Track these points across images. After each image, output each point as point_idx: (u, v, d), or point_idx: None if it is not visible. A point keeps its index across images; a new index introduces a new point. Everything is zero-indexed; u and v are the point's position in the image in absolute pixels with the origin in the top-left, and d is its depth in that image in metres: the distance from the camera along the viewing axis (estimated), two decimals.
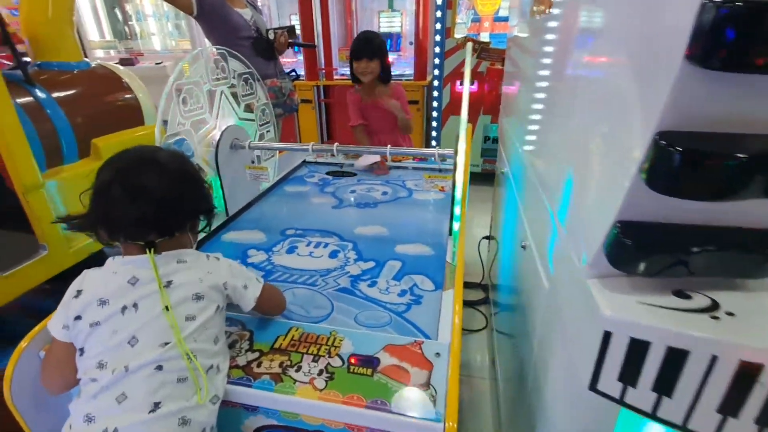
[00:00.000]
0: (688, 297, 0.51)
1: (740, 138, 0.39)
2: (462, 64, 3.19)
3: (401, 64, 4.02)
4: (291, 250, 1.27)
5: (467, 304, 2.04)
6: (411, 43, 3.65)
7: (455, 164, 1.00)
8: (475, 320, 1.96)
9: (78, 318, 0.72)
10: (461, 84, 3.23)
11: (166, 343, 0.70)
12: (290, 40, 2.42)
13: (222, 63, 1.36)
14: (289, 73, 2.57)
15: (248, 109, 1.54)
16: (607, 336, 0.52)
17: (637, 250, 0.49)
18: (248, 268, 0.95)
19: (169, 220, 0.79)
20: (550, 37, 0.96)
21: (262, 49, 2.30)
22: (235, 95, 1.45)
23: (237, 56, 1.45)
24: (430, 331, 0.91)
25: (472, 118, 3.38)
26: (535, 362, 0.88)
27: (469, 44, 1.21)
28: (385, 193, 1.72)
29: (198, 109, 1.27)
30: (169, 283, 0.75)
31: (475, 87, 3.30)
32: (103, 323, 0.71)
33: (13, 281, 1.20)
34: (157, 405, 0.67)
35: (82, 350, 0.72)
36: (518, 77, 1.45)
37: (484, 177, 3.43)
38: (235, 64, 1.44)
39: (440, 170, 1.84)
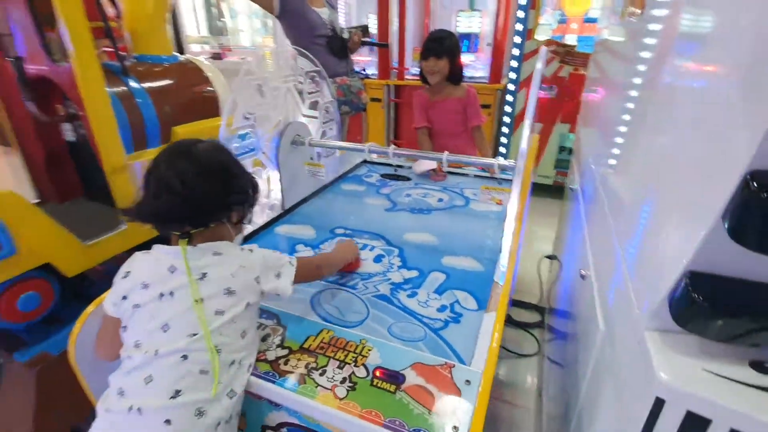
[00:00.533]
0: (767, 371, 0.41)
1: None
2: None
3: (477, 67, 3.89)
4: None
5: (520, 325, 1.92)
6: (489, 45, 3.51)
7: (514, 179, 0.93)
8: (527, 343, 1.84)
9: (124, 298, 0.78)
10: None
11: (194, 335, 0.73)
12: (363, 39, 2.44)
13: (291, 61, 1.40)
14: (359, 72, 2.60)
15: (313, 106, 1.58)
16: (659, 403, 0.44)
17: (708, 309, 0.40)
18: (279, 252, 0.93)
19: (199, 212, 0.80)
20: (641, 41, 0.85)
21: (336, 47, 2.35)
22: (300, 92, 1.49)
23: (306, 54, 1.48)
24: (465, 354, 0.85)
25: (548, 127, 3.18)
26: (580, 410, 0.79)
27: (544, 48, 1.12)
28: (440, 200, 1.67)
29: (264, 105, 1.32)
30: (204, 275, 0.78)
31: (554, 93, 3.09)
32: (143, 306, 0.76)
33: (94, 250, 1.35)
34: (177, 392, 0.70)
35: (125, 327, 0.78)
36: (601, 84, 1.31)
37: (554, 190, 3.22)
38: (303, 62, 1.48)
39: (499, 182, 1.74)
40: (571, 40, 3.67)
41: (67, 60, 1.33)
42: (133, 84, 1.51)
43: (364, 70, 2.76)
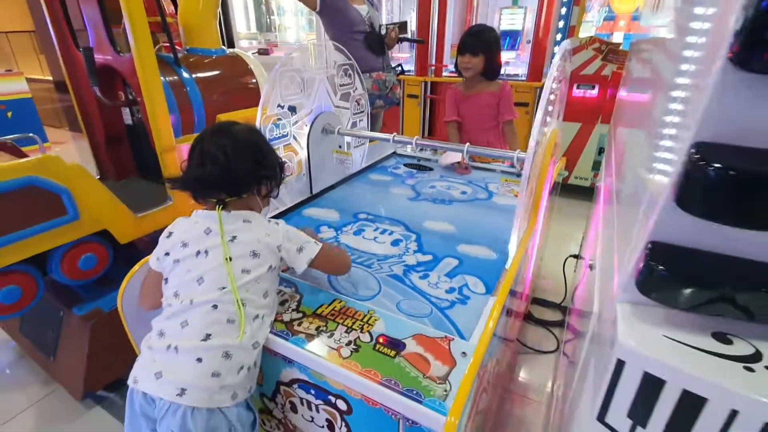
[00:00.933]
0: (728, 342, 0.43)
1: None
2: (582, 66, 2.93)
3: (519, 64, 3.83)
4: (358, 233, 1.35)
5: (541, 323, 1.92)
6: (528, 42, 3.46)
7: (524, 167, 0.96)
8: (548, 341, 1.83)
9: (167, 254, 0.89)
10: (578, 88, 2.97)
11: (223, 288, 0.83)
12: (401, 35, 2.50)
13: (325, 54, 1.49)
14: (395, 68, 2.66)
15: (344, 98, 1.66)
16: (620, 365, 0.47)
17: (667, 277, 0.43)
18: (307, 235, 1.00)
19: (233, 182, 0.91)
20: (641, 39, 0.86)
21: (373, 43, 2.43)
22: (333, 84, 1.58)
23: (340, 48, 1.56)
24: (466, 331, 0.90)
25: (587, 127, 3.10)
26: (574, 388, 0.81)
27: (566, 42, 1.13)
28: (464, 193, 1.70)
29: (297, 94, 1.42)
30: (234, 238, 0.88)
31: (595, 92, 3.01)
32: (182, 261, 0.87)
33: (144, 222, 1.50)
34: (208, 336, 0.80)
35: (166, 280, 0.89)
36: (624, 83, 1.30)
37: (592, 192, 3.13)
38: (337, 56, 1.56)
39: (518, 175, 1.75)
40: (618, 37, 3.55)
41: (129, 51, 1.49)
42: (184, 74, 1.65)
43: (400, 66, 2.81)
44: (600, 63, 2.90)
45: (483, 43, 1.89)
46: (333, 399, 0.86)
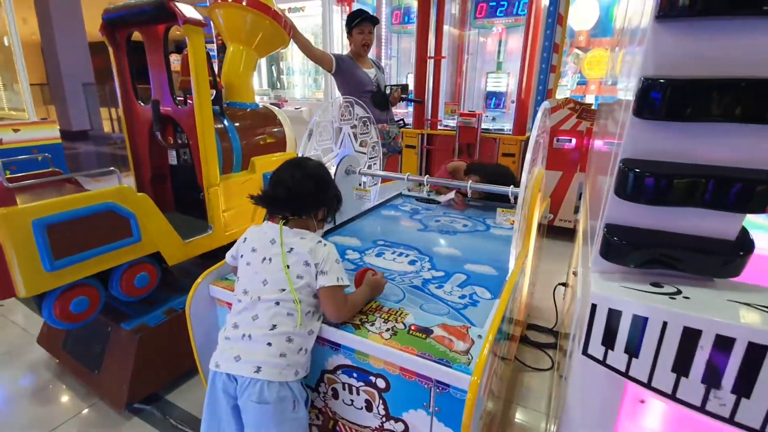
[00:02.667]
0: (660, 286, 0.68)
1: (674, 165, 0.60)
2: (561, 122, 3.35)
3: (504, 119, 4.29)
4: (379, 255, 1.59)
5: (536, 345, 2.11)
6: (513, 102, 3.92)
7: (519, 196, 1.23)
8: (542, 362, 2.01)
9: (241, 255, 1.12)
10: (558, 141, 3.37)
11: (283, 290, 1.05)
12: (402, 96, 2.89)
13: (350, 108, 1.81)
14: (397, 122, 3.04)
15: (362, 144, 1.96)
16: (593, 308, 0.70)
17: (617, 244, 0.68)
18: (344, 272, 1.12)
19: (296, 204, 1.14)
20: (603, 103, 1.17)
21: (379, 101, 2.81)
22: (354, 133, 1.88)
23: (360, 104, 1.89)
24: (479, 323, 1.12)
25: (568, 175, 3.46)
26: (567, 363, 1.02)
27: (544, 103, 1.46)
28: (465, 225, 1.96)
29: (327, 141, 1.71)
30: (291, 249, 1.09)
31: (573, 144, 3.41)
32: (252, 264, 1.10)
33: (189, 246, 1.72)
34: (274, 326, 1.01)
35: (238, 278, 1.11)
36: (593, 136, 1.62)
37: (574, 233, 3.43)
38: (359, 110, 1.88)
39: (513, 206, 2.02)
40: (590, 99, 4.04)
41: (185, 104, 1.79)
42: (226, 123, 1.95)
43: (402, 120, 3.21)
44: (575, 120, 3.32)
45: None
46: (373, 379, 1.05)
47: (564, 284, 2.27)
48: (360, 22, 2.70)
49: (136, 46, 1.91)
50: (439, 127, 4.03)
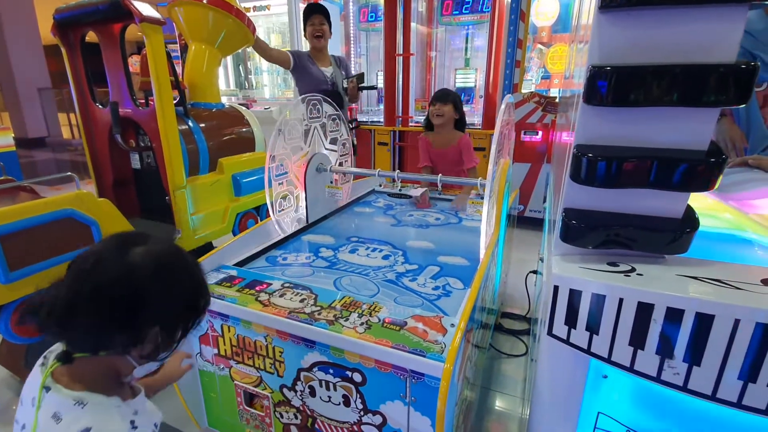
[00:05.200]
0: (615, 265, 0.71)
1: (623, 148, 0.63)
2: (527, 116, 3.44)
3: (473, 114, 4.37)
4: (353, 251, 1.59)
5: (510, 332, 2.16)
6: (481, 97, 4.00)
7: (486, 187, 1.26)
8: (517, 348, 2.06)
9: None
10: (525, 134, 3.46)
11: None
12: (360, 85, 2.86)
13: (318, 106, 1.79)
14: (351, 122, 3.03)
15: (333, 142, 1.95)
16: (555, 289, 0.73)
17: (575, 227, 0.71)
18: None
19: (78, 329, 0.60)
20: (563, 97, 1.21)
21: (333, 100, 2.78)
22: (324, 131, 1.87)
23: (329, 101, 1.88)
24: (452, 313, 1.14)
25: (536, 167, 3.56)
26: (537, 344, 1.06)
27: (507, 96, 1.49)
28: (438, 219, 1.99)
29: (296, 139, 1.69)
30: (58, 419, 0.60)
31: (539, 137, 3.50)
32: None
33: None
34: None
35: None
36: (555, 128, 1.68)
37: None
38: (327, 108, 1.87)
39: (482, 197, 2.06)
40: (554, 92, 4.16)
41: (147, 105, 1.73)
42: (191, 123, 1.90)
43: (355, 120, 3.27)
44: (541, 113, 3.41)
45: (450, 95, 2.27)
46: (349, 373, 1.05)
47: (535, 272, 2.33)
48: (307, 16, 2.69)
49: (91, 47, 1.84)
50: (410, 124, 4.05)
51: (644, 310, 0.64)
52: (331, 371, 1.08)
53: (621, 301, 0.65)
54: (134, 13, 1.48)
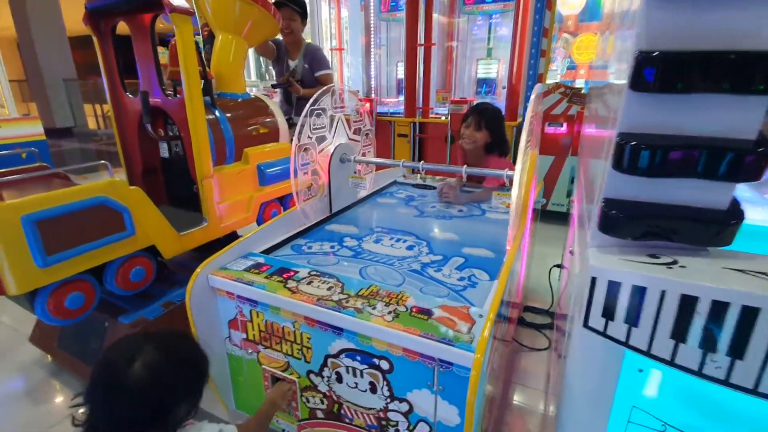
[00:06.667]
0: (657, 257, 0.70)
1: (668, 137, 0.61)
2: (552, 107, 3.37)
3: (497, 106, 4.30)
4: (377, 241, 1.59)
5: (533, 326, 2.14)
6: (504, 88, 3.93)
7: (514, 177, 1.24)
8: (539, 342, 2.05)
9: None
10: (549, 125, 3.39)
11: None
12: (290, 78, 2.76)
13: (343, 96, 1.79)
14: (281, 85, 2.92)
15: (356, 132, 1.95)
16: (593, 281, 0.72)
17: (615, 217, 0.70)
18: None
19: None
20: (594, 80, 1.18)
21: (287, 94, 2.77)
22: (348, 120, 1.87)
23: (353, 91, 1.88)
24: (479, 304, 1.13)
25: (560, 159, 3.49)
26: (566, 339, 1.05)
27: (537, 85, 1.46)
28: (461, 210, 1.98)
29: (322, 128, 1.70)
30: None
31: (564, 129, 3.43)
32: None
33: (184, 239, 1.71)
34: None
35: None
36: (585, 120, 1.64)
37: (566, 217, 3.47)
38: (352, 98, 1.87)
39: (508, 189, 2.02)
40: (580, 83, 4.06)
41: (175, 95, 1.76)
42: (218, 114, 1.93)
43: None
44: (566, 104, 3.34)
45: (486, 120, 1.98)
46: (377, 361, 1.06)
47: (559, 266, 2.30)
48: (276, 8, 2.66)
49: (123, 39, 1.87)
50: (430, 115, 4.02)
51: (688, 303, 0.62)
52: (358, 358, 1.09)
53: (663, 293, 0.64)
54: (164, 3, 1.50)
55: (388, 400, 1.09)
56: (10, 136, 3.18)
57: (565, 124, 3.37)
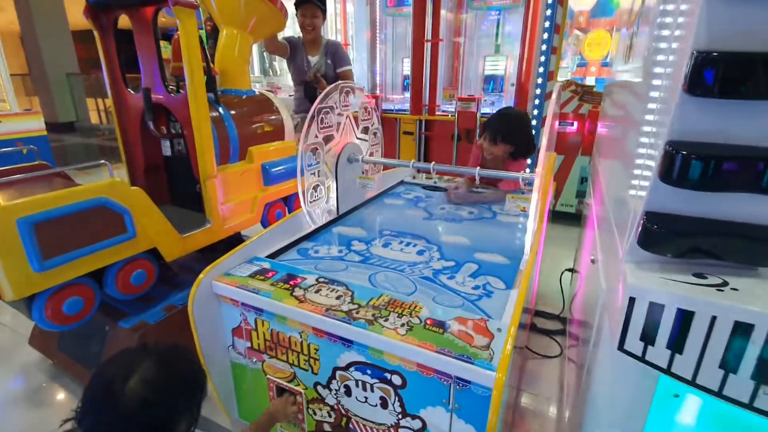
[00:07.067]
0: (704, 277, 0.63)
1: (726, 146, 0.55)
2: (562, 105, 3.29)
3: (502, 103, 4.22)
4: (386, 245, 1.53)
5: (544, 332, 2.09)
6: (512, 85, 3.85)
7: (534, 181, 1.18)
8: (551, 349, 1.99)
9: None
10: (560, 124, 3.32)
11: None
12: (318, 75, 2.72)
13: (351, 94, 1.73)
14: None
15: (364, 131, 1.89)
16: (631, 301, 0.66)
17: (657, 232, 0.64)
18: None
19: None
20: (617, 78, 1.12)
21: (309, 90, 2.70)
22: (356, 119, 1.81)
23: (362, 89, 1.81)
24: (496, 316, 1.08)
25: (569, 159, 3.42)
26: (590, 353, 0.99)
27: (557, 84, 1.40)
28: (471, 213, 1.92)
29: (329, 128, 1.64)
30: None
31: (575, 128, 3.35)
32: None
33: (187, 241, 1.65)
34: None
35: None
36: (607, 118, 1.57)
37: (576, 218, 3.40)
38: (360, 95, 1.80)
39: (523, 192, 1.96)
40: (590, 81, 3.98)
41: (178, 92, 1.70)
42: (222, 111, 1.87)
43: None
44: (577, 103, 3.26)
45: (506, 133, 1.87)
46: (388, 375, 1.01)
47: (571, 270, 2.24)
48: (299, 5, 2.59)
49: (125, 34, 1.81)
50: (437, 113, 3.94)
51: (742, 331, 0.56)
52: (368, 372, 1.04)
53: (714, 318, 0.58)
54: None
55: (400, 416, 1.04)
56: (10, 132, 3.13)
57: (575, 123, 3.29)
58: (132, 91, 1.82)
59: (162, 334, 1.57)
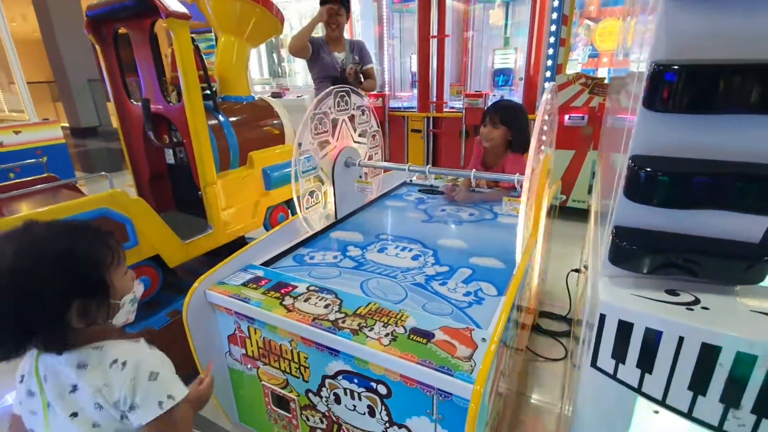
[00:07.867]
0: (676, 294, 0.61)
1: (692, 162, 0.52)
2: (572, 99, 3.20)
3: (513, 98, 4.14)
4: (381, 250, 1.54)
5: (548, 333, 2.05)
6: (521, 79, 3.77)
7: (523, 185, 1.16)
8: (555, 351, 1.96)
9: (20, 403, 0.77)
10: (569, 119, 3.23)
11: None
12: (358, 70, 2.72)
13: (346, 98, 1.73)
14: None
15: (362, 134, 1.89)
16: (602, 317, 0.64)
17: (625, 249, 0.62)
18: (168, 384, 0.76)
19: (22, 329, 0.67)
20: (615, 78, 1.08)
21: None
22: (352, 122, 1.81)
23: (357, 92, 1.81)
24: (484, 324, 1.07)
25: (581, 154, 3.33)
26: (581, 362, 0.97)
27: (552, 84, 1.36)
28: (471, 215, 1.89)
29: (324, 133, 1.64)
30: (75, 387, 0.71)
31: (585, 122, 3.26)
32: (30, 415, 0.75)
33: (189, 247, 1.69)
34: None
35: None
36: (606, 113, 1.52)
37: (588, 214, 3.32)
38: (356, 99, 1.80)
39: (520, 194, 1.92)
40: (602, 72, 3.86)
41: (177, 101, 1.74)
42: (221, 118, 1.90)
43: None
44: (587, 96, 3.17)
45: (504, 116, 1.90)
46: (374, 385, 1.01)
47: (577, 270, 2.19)
48: (324, 2, 2.59)
49: (128, 40, 1.85)
50: (444, 110, 3.90)
51: (709, 353, 0.54)
52: (355, 381, 1.05)
53: (681, 339, 0.56)
54: (160, 8, 1.46)
55: (387, 425, 1.04)
56: (29, 141, 3.26)
57: (586, 117, 3.21)
58: (134, 102, 1.87)
59: (167, 339, 1.61)
